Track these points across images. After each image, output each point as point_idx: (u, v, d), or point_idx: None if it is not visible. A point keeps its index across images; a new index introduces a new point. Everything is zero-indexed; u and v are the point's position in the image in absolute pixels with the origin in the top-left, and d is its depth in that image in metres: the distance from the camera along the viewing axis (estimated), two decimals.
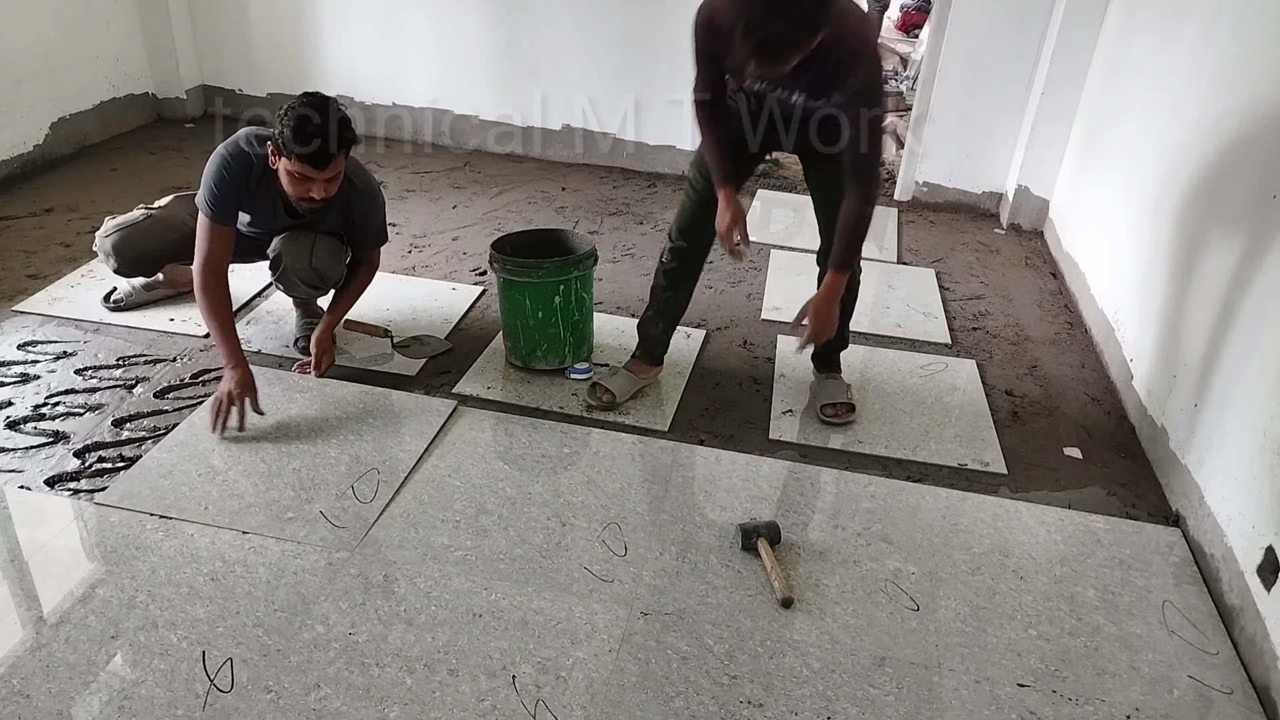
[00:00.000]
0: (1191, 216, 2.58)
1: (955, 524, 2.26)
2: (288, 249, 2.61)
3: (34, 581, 1.93)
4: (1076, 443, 2.65)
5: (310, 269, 2.61)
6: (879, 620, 1.96)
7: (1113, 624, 1.99)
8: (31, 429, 2.39)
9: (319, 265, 2.62)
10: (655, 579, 2.03)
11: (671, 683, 1.78)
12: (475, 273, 3.45)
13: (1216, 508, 2.14)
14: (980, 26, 3.99)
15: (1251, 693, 1.84)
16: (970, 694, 1.80)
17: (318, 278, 2.65)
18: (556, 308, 2.67)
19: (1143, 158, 3.05)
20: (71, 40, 4.23)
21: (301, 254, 2.60)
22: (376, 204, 2.65)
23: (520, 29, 4.45)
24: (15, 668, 1.72)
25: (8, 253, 3.32)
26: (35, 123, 4.10)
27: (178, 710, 1.65)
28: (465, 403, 2.64)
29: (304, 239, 2.62)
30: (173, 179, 4.06)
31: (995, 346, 3.17)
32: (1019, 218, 4.19)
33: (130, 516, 2.10)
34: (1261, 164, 2.22)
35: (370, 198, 2.62)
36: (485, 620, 1.89)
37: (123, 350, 2.78)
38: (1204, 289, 2.42)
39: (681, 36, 2.37)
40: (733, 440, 2.55)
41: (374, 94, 4.76)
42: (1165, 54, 2.99)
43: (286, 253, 2.61)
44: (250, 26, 4.75)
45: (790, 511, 2.27)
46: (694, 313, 3.23)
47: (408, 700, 1.70)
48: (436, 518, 2.17)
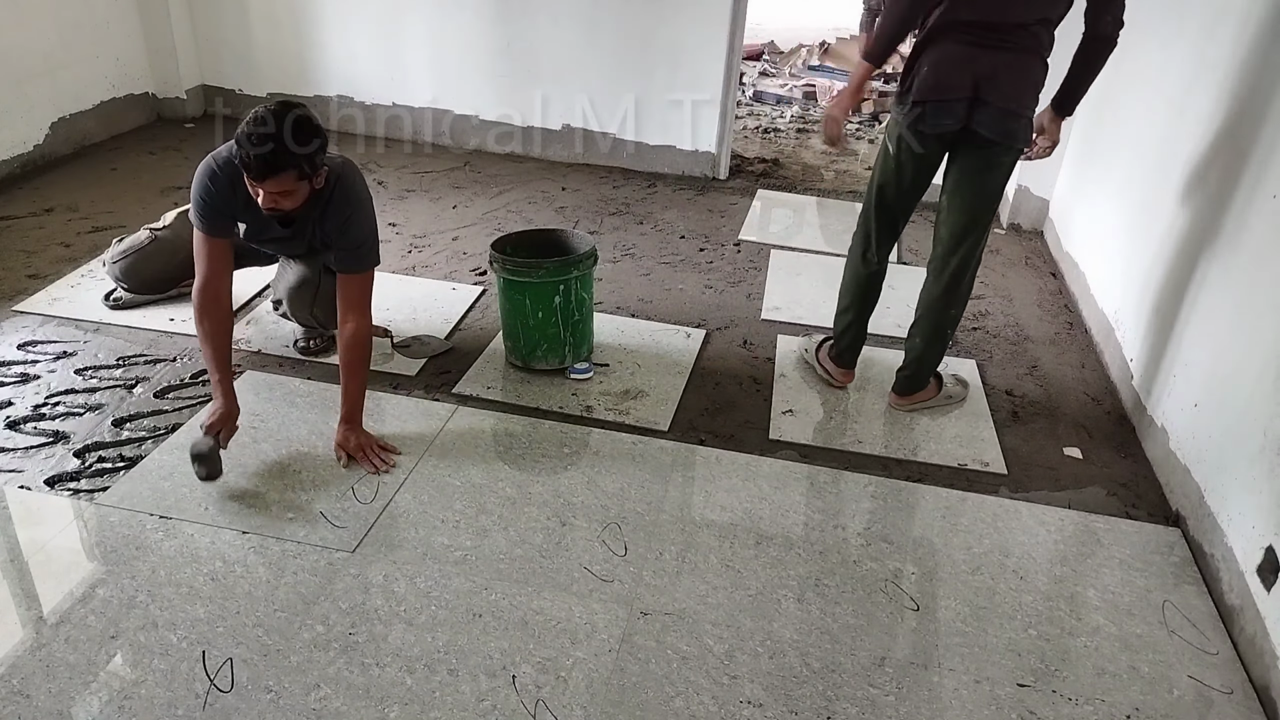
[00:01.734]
0: (1191, 216, 2.58)
1: (955, 524, 2.26)
2: (291, 297, 2.68)
3: (34, 581, 1.93)
4: (1076, 443, 2.65)
5: (310, 316, 2.72)
6: (879, 620, 1.96)
7: (1113, 624, 1.99)
8: (31, 429, 2.39)
9: (319, 314, 2.71)
10: (655, 579, 2.03)
11: (671, 683, 1.78)
12: (475, 273, 3.45)
13: (1216, 508, 2.15)
14: None
15: (1251, 693, 1.84)
16: (970, 694, 1.80)
17: (317, 324, 2.76)
18: (556, 308, 2.67)
19: (1142, 158, 3.05)
20: (71, 40, 4.22)
21: (303, 301, 2.67)
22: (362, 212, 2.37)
23: (520, 29, 4.45)
24: (15, 668, 1.72)
25: (8, 253, 3.32)
26: (35, 123, 4.10)
27: (178, 710, 1.65)
28: (465, 403, 2.64)
29: (307, 287, 2.64)
30: (173, 179, 4.05)
31: (995, 346, 3.17)
32: (1019, 218, 4.19)
33: (130, 516, 2.10)
34: (1261, 164, 2.22)
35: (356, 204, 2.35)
36: (485, 620, 1.89)
37: (123, 350, 2.78)
38: (1204, 289, 2.42)
39: (682, 37, 2.36)
40: (733, 440, 2.55)
41: (374, 94, 4.76)
42: (1165, 53, 2.99)
43: (289, 300, 2.69)
44: (250, 26, 4.75)
45: (790, 511, 2.27)
46: (694, 312, 3.24)
47: (408, 700, 1.70)
48: (436, 518, 2.17)
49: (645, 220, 4.06)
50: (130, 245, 2.86)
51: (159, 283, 2.94)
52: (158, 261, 2.85)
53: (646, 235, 3.90)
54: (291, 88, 4.77)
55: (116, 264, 2.85)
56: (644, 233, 3.92)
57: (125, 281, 2.88)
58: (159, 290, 2.97)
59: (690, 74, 4.35)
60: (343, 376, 2.37)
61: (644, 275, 3.52)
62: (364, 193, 2.40)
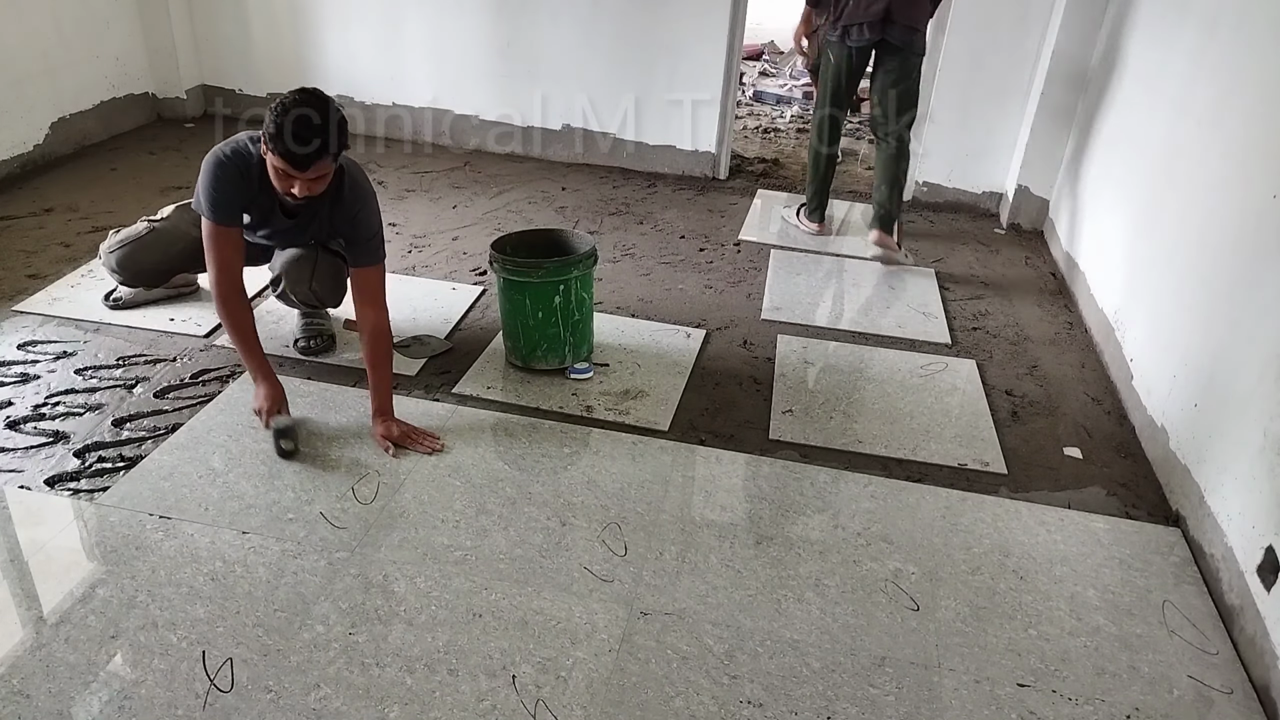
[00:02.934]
0: (1191, 216, 2.58)
1: (955, 524, 2.26)
2: (289, 271, 2.63)
3: (34, 581, 1.93)
4: (1076, 443, 2.65)
5: (309, 291, 2.67)
6: (879, 620, 1.96)
7: (1113, 624, 1.99)
8: (31, 429, 2.39)
9: (318, 288, 2.67)
10: (655, 579, 2.03)
11: (671, 683, 1.78)
12: (475, 273, 3.45)
13: (1216, 508, 2.15)
14: (980, 26, 4.00)
15: (1251, 693, 1.84)
16: (970, 694, 1.80)
17: (316, 300, 2.72)
18: (556, 308, 2.67)
19: (1142, 157, 3.05)
20: (71, 40, 4.23)
21: (302, 276, 2.64)
22: (370, 205, 2.46)
23: (520, 29, 4.45)
24: (15, 668, 1.72)
25: (8, 253, 3.32)
26: (35, 123, 4.10)
27: (178, 710, 1.65)
28: (465, 403, 2.64)
29: (305, 261, 2.63)
30: (173, 179, 4.06)
31: (995, 346, 3.17)
32: (1019, 218, 4.20)
33: (130, 516, 2.10)
34: (1261, 163, 2.22)
35: (364, 197, 2.45)
36: (485, 620, 1.89)
37: (123, 350, 2.77)
38: (1204, 289, 2.42)
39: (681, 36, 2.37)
40: (733, 440, 2.55)
41: (374, 94, 4.76)
42: (1165, 53, 2.99)
43: (287, 275, 2.64)
44: (250, 26, 4.75)
45: (790, 511, 2.27)
46: (694, 312, 3.24)
47: (408, 700, 1.70)
48: (436, 518, 2.17)
49: (645, 220, 4.06)
50: (127, 236, 2.84)
51: (155, 274, 2.91)
52: (155, 252, 2.82)
53: (646, 235, 3.90)
54: (291, 88, 4.75)
55: (113, 254, 2.82)
56: (644, 233, 3.92)
57: (121, 272, 2.84)
58: (155, 282, 2.95)
59: (690, 74, 4.35)
60: (370, 372, 2.44)
61: (644, 275, 3.52)
62: (371, 186, 2.48)
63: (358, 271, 2.46)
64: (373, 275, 2.45)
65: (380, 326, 2.43)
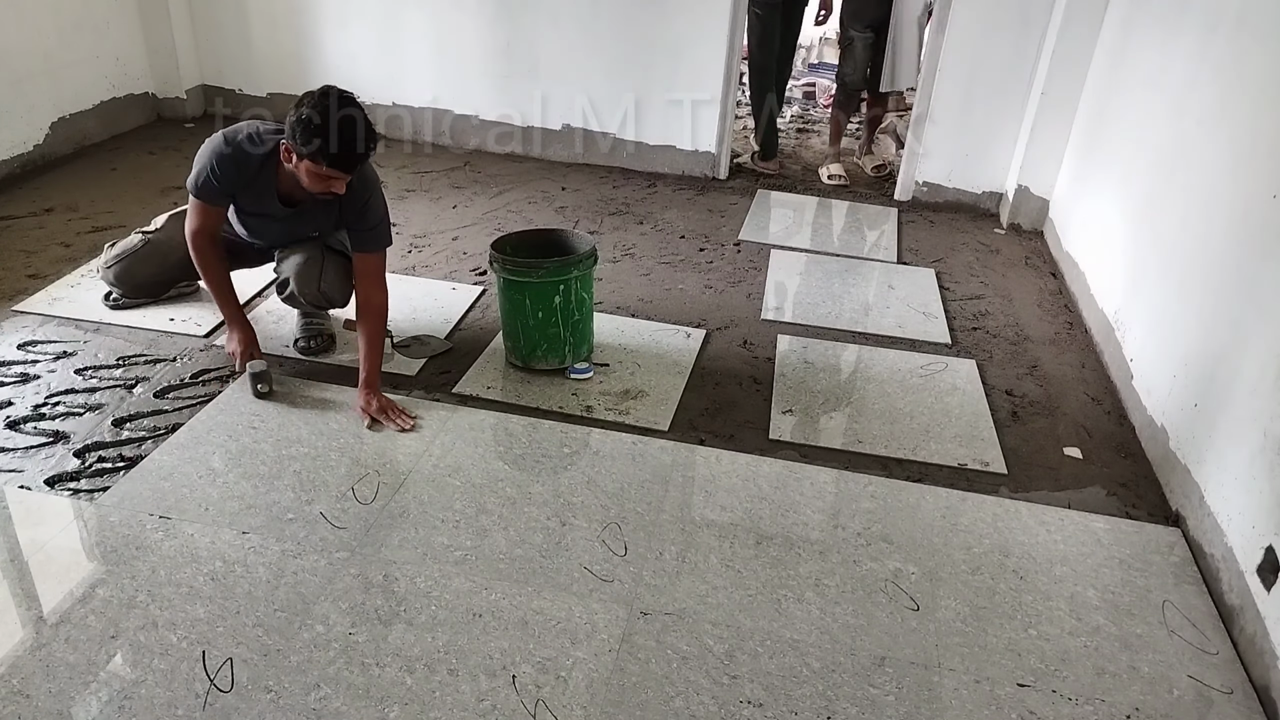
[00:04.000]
0: (1191, 216, 2.58)
1: (955, 524, 2.26)
2: (297, 274, 2.63)
3: (34, 581, 1.93)
4: (1076, 443, 2.65)
5: (319, 293, 2.67)
6: (879, 620, 1.96)
7: (1113, 624, 1.99)
8: (31, 429, 2.39)
9: (327, 289, 2.67)
10: (655, 579, 2.03)
11: (671, 683, 1.78)
12: (475, 273, 3.45)
13: (1216, 508, 2.15)
14: (980, 26, 4.00)
15: (1251, 693, 1.84)
16: (970, 694, 1.80)
17: (325, 301, 2.72)
18: (556, 308, 2.67)
19: (1142, 157, 3.05)
20: (71, 40, 4.23)
21: (311, 279, 2.63)
22: (378, 193, 2.53)
23: (520, 29, 4.45)
24: (15, 668, 1.72)
25: (8, 253, 3.32)
26: (35, 123, 4.10)
27: (178, 710, 1.65)
28: (465, 403, 2.64)
29: (313, 263, 2.63)
30: (173, 179, 4.05)
31: (995, 346, 3.17)
32: (1019, 218, 4.19)
33: (130, 516, 2.10)
34: (1260, 163, 2.22)
35: (372, 186, 2.51)
36: (485, 620, 1.89)
37: (123, 350, 2.77)
38: (1203, 288, 2.42)
39: (681, 36, 2.37)
40: (733, 440, 2.55)
41: (374, 94, 4.76)
42: (1165, 53, 2.99)
43: (296, 278, 2.64)
44: (250, 26, 4.75)
45: (790, 511, 2.27)
46: (694, 312, 3.24)
47: (408, 700, 1.70)
48: (436, 518, 2.17)
49: (645, 220, 4.06)
50: (123, 250, 2.85)
51: (154, 286, 2.93)
52: (151, 265, 2.84)
53: (646, 235, 3.90)
54: (291, 87, 4.76)
55: (110, 269, 2.85)
56: (644, 233, 3.92)
57: (120, 286, 2.88)
58: (154, 294, 2.97)
59: (690, 74, 4.35)
60: (363, 345, 2.53)
61: (644, 275, 3.52)
62: (376, 174, 2.57)
63: (362, 256, 2.55)
64: (375, 260, 2.56)
65: (382, 305, 2.57)
